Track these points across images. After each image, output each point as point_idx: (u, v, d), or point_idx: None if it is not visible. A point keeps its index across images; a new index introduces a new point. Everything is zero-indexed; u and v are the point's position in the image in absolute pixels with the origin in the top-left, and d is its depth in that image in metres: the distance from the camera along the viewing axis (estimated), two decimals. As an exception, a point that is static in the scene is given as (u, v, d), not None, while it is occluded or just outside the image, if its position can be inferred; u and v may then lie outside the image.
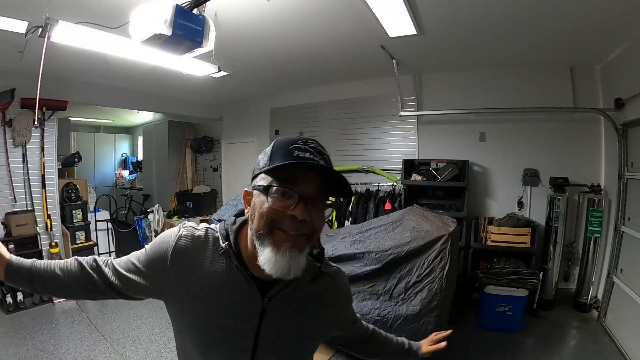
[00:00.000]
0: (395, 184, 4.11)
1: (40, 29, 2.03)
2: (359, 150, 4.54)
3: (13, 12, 2.24)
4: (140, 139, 8.16)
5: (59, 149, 4.27)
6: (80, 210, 4.25)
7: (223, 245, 0.71)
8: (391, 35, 2.72)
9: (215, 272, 0.70)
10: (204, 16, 1.84)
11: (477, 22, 2.57)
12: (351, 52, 3.30)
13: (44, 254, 3.78)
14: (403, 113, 3.97)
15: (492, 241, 3.33)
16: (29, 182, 3.77)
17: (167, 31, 1.66)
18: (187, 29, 1.74)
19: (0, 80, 3.48)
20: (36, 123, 3.74)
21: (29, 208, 3.77)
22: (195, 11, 1.80)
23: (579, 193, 3.47)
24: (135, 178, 7.87)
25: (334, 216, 4.01)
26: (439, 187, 3.84)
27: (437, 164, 3.84)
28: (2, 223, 3.52)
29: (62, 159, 4.70)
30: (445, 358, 2.44)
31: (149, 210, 5.28)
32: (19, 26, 2.37)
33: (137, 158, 8.28)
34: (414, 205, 3.09)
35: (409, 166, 3.94)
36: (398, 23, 2.52)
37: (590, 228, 3.23)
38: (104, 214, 5.05)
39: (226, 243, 0.71)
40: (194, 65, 3.14)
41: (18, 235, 3.49)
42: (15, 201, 3.67)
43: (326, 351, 2.65)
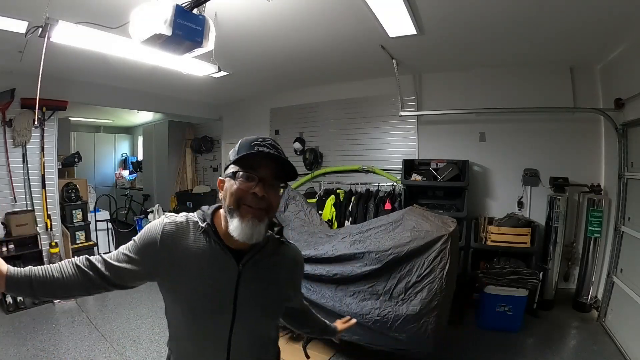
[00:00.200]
0: (395, 184, 4.11)
1: (40, 29, 2.03)
2: (359, 150, 4.54)
3: (13, 12, 2.24)
4: (140, 139, 8.17)
5: (59, 149, 4.28)
6: (80, 210, 4.26)
7: (203, 225, 0.86)
8: (391, 35, 2.72)
9: (198, 248, 0.84)
10: (204, 16, 1.84)
11: (477, 22, 2.57)
12: (351, 52, 3.30)
13: (44, 254, 3.77)
14: (403, 113, 3.97)
15: (492, 241, 3.33)
16: (29, 182, 3.77)
17: (167, 31, 1.66)
18: (187, 29, 1.74)
19: (0, 80, 3.48)
20: (36, 123, 3.75)
21: (29, 208, 3.77)
22: (195, 11, 1.80)
23: (579, 193, 3.47)
24: (135, 178, 7.87)
25: (334, 216, 4.01)
26: (439, 187, 3.84)
27: (437, 164, 3.84)
28: (2, 223, 3.52)
29: (62, 159, 4.70)
30: (445, 358, 2.46)
31: (149, 210, 5.28)
32: (19, 26, 2.37)
33: (137, 158, 8.29)
34: (414, 205, 3.09)
35: (409, 166, 3.94)
36: (398, 23, 2.52)
37: (590, 228, 3.23)
38: (104, 214, 5.06)
39: (205, 223, 0.86)
40: (194, 65, 3.14)
41: (18, 235, 3.49)
42: (15, 201, 3.67)
43: (326, 351, 2.65)
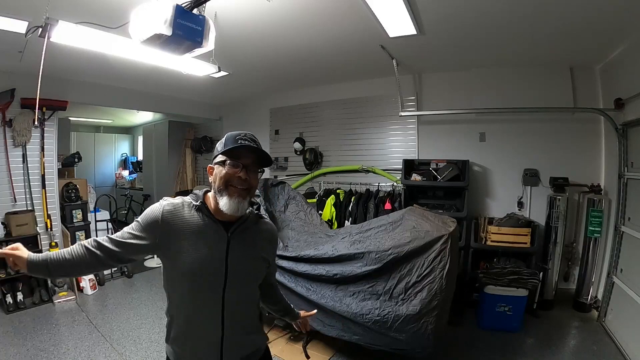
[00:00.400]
0: (395, 184, 4.11)
1: (40, 29, 2.03)
2: (359, 150, 4.54)
3: (13, 12, 2.23)
4: (140, 139, 8.16)
5: (59, 149, 4.27)
6: (80, 210, 4.25)
7: (197, 203, 1.07)
8: (391, 35, 2.72)
9: (193, 221, 1.05)
10: (204, 16, 1.84)
11: (477, 22, 2.57)
12: (351, 52, 3.30)
13: (44, 254, 3.76)
14: (403, 113, 3.97)
15: (492, 241, 3.33)
16: (29, 182, 3.77)
17: (167, 31, 1.66)
18: (187, 29, 1.74)
19: (0, 80, 3.48)
20: (36, 123, 3.74)
21: (29, 208, 3.77)
22: (195, 11, 1.80)
23: (579, 193, 3.47)
24: (135, 178, 7.87)
25: (334, 216, 4.01)
26: (439, 187, 3.83)
27: (437, 164, 3.83)
28: (2, 223, 3.52)
29: (62, 159, 4.69)
30: (445, 358, 2.46)
31: (149, 210, 5.27)
32: (19, 26, 2.36)
33: (137, 158, 8.28)
34: (414, 205, 3.09)
35: (409, 166, 3.94)
36: (398, 23, 2.51)
37: (590, 228, 3.23)
38: (104, 214, 5.06)
39: (199, 201, 1.08)
40: (194, 65, 3.14)
41: (18, 235, 3.48)
42: (15, 201, 3.67)
43: (326, 351, 2.65)
